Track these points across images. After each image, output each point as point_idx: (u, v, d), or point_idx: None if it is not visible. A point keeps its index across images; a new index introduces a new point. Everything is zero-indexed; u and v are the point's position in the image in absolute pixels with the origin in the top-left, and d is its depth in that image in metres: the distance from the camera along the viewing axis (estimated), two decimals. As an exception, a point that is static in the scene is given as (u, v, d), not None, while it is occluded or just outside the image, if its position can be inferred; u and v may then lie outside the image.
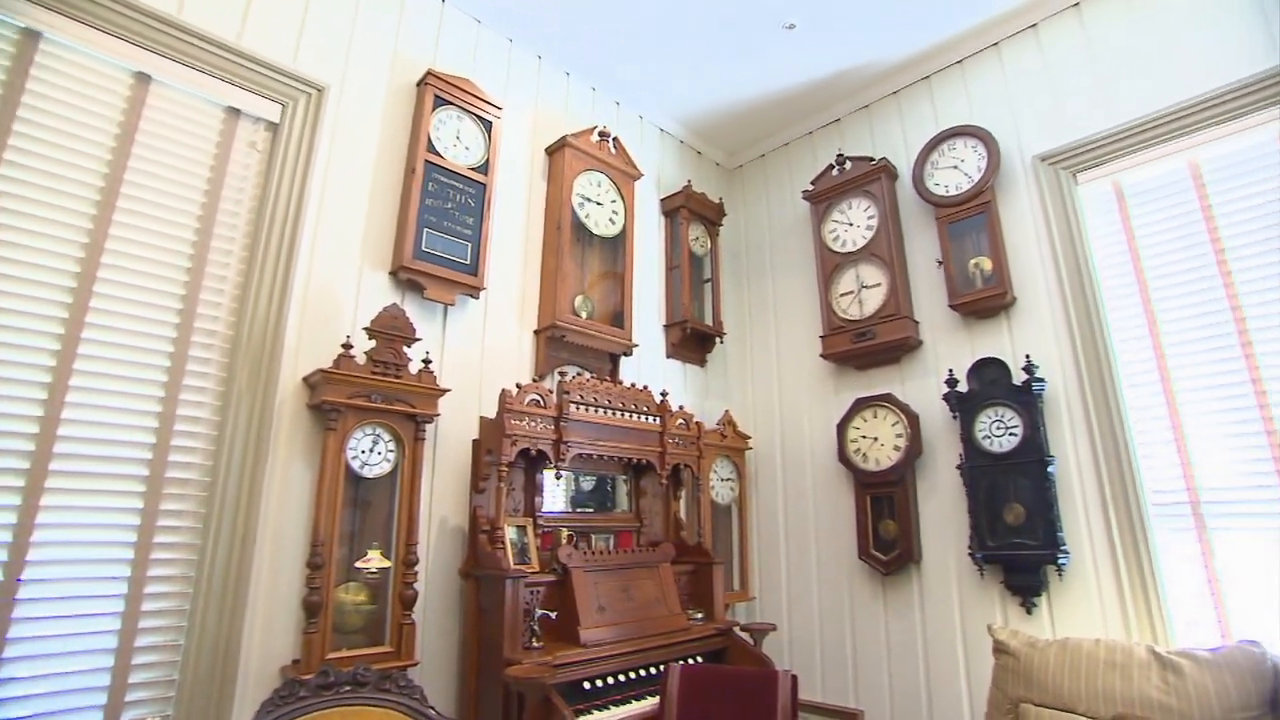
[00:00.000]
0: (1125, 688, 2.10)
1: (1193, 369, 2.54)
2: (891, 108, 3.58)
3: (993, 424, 2.73)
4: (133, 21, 2.11)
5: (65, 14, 2.01)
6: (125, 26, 2.10)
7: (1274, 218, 2.45)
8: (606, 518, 2.95)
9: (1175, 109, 2.63)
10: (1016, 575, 2.68)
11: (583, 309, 3.06)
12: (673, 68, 3.48)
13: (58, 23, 2.00)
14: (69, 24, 2.02)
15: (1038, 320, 2.84)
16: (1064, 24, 3.03)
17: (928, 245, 3.21)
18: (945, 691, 2.85)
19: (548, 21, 3.18)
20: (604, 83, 3.60)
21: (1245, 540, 2.36)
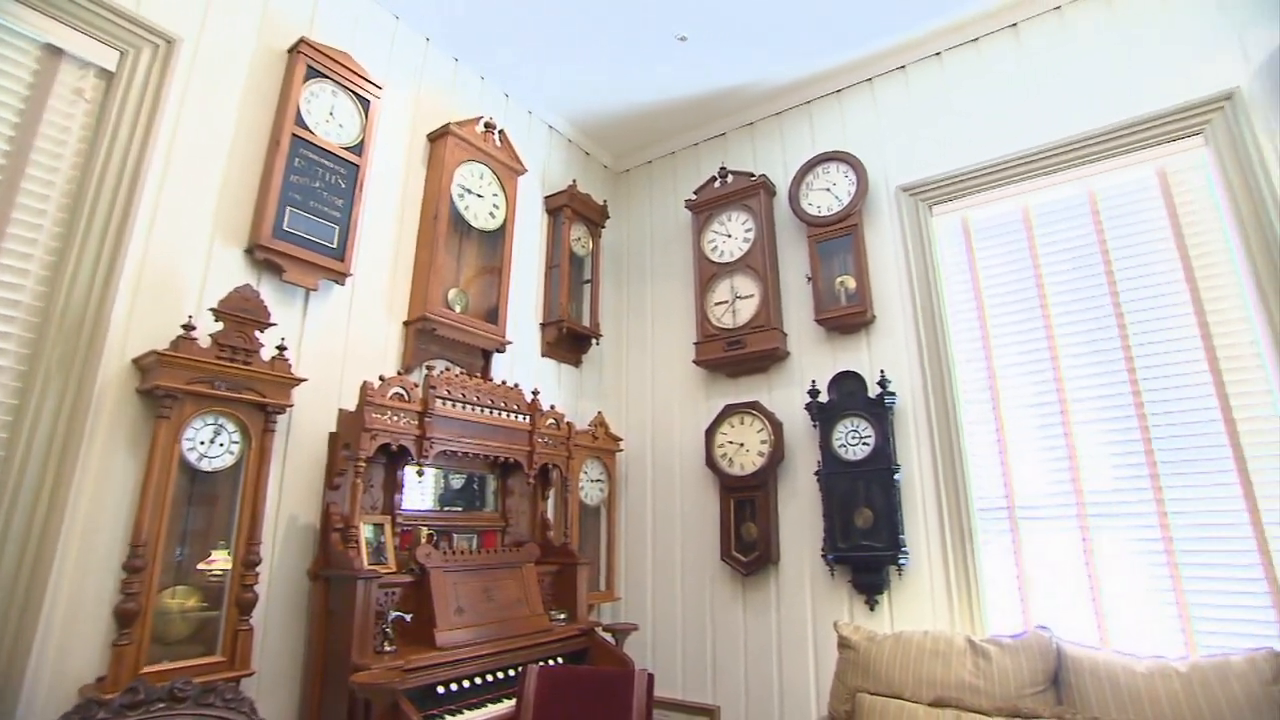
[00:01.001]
0: (945, 674, 2.32)
1: (1017, 390, 2.84)
2: (774, 128, 3.75)
3: (849, 433, 2.92)
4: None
5: None
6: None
7: (1081, 259, 2.81)
8: (470, 517, 2.87)
9: (1010, 159, 2.96)
10: (863, 575, 2.89)
11: (456, 302, 2.97)
12: (566, 66, 3.46)
13: None
14: None
15: (893, 338, 3.08)
16: (927, 69, 3.31)
17: (799, 261, 3.39)
18: (796, 685, 3.01)
19: (440, 2, 3.07)
20: (494, 73, 3.52)
21: (1046, 540, 2.67)
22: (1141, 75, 2.79)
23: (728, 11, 3.10)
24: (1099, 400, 2.67)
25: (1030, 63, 3.05)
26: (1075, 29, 2.99)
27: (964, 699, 2.24)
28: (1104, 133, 2.79)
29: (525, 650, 2.51)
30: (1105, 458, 2.63)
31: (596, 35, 3.25)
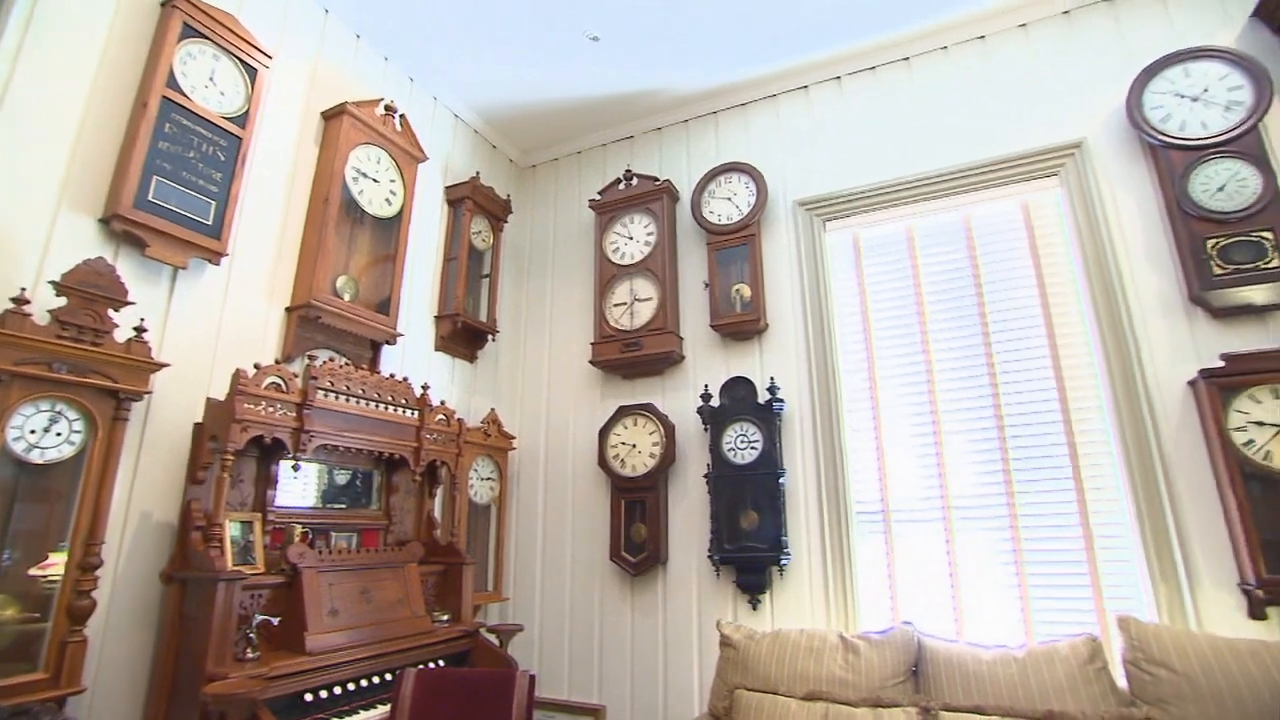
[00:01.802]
0: (818, 669, 2.43)
1: (895, 400, 3.03)
2: (681, 135, 3.82)
3: (738, 438, 3.02)
4: None
5: None
6: None
7: (957, 280, 3.04)
8: (350, 515, 2.74)
9: (897, 183, 3.16)
10: (747, 575, 2.98)
11: (345, 290, 2.83)
12: (476, 55, 3.38)
13: None
14: None
15: (784, 346, 3.20)
16: (828, 91, 3.48)
17: (698, 267, 3.47)
18: (681, 683, 3.07)
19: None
20: (399, 55, 3.38)
21: (916, 541, 2.87)
22: (1011, 118, 3.06)
23: (640, 16, 3.14)
24: (966, 411, 2.90)
25: (920, 95, 3.28)
26: (958, 70, 3.23)
27: (834, 692, 2.37)
28: (978, 166, 3.04)
29: (404, 653, 2.43)
30: (970, 465, 2.86)
31: (508, 27, 3.20)
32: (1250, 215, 2.47)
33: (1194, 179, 2.57)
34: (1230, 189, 2.52)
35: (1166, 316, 2.62)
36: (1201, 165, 2.57)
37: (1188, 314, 2.60)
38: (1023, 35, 3.16)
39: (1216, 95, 2.63)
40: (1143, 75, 2.75)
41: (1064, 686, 2.17)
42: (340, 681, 2.20)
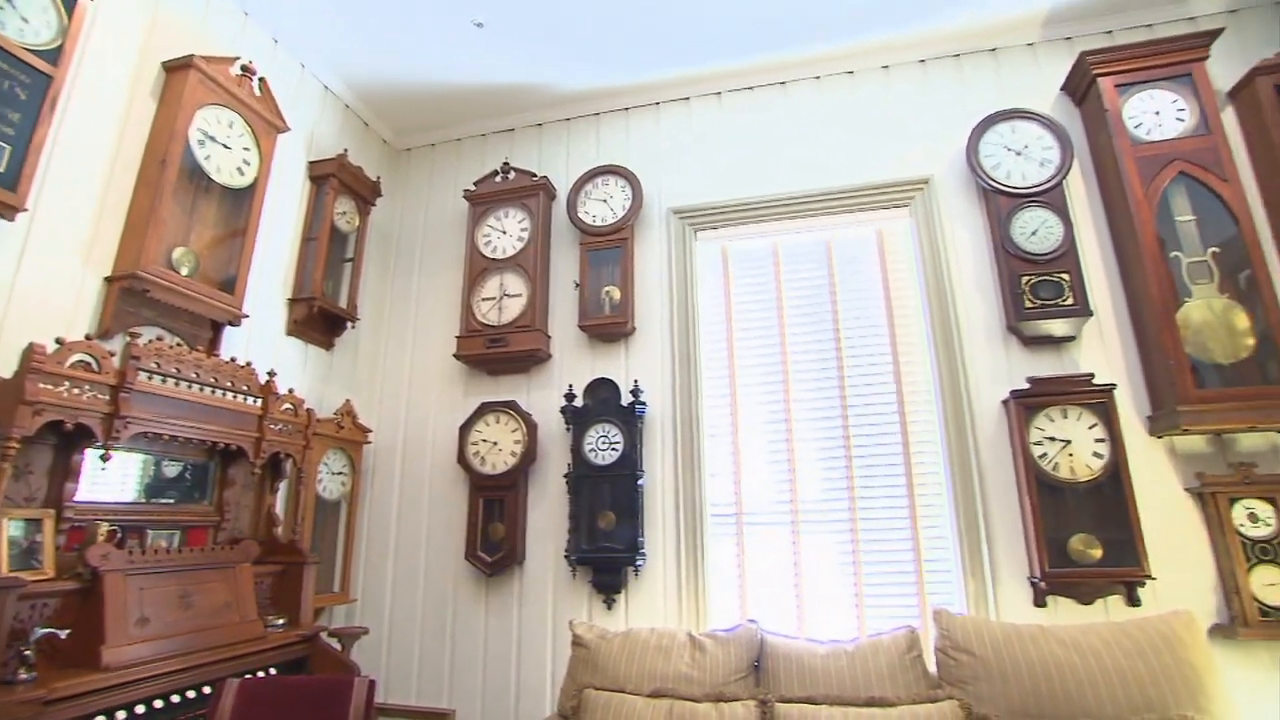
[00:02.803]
0: (665, 666, 2.49)
1: (753, 407, 3.17)
2: (562, 133, 3.80)
3: (600, 438, 3.04)
4: None
5: None
6: None
7: (816, 297, 3.24)
8: (176, 511, 2.49)
9: (766, 200, 3.32)
10: (603, 575, 3.01)
11: (183, 263, 2.56)
12: (351, 25, 3.18)
13: None
14: None
15: (650, 350, 3.27)
16: (708, 105, 3.60)
17: (569, 267, 3.46)
18: (533, 684, 3.04)
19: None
20: (262, 13, 3.11)
21: (765, 542, 3.02)
22: (871, 150, 3.30)
23: (527, 7, 3.08)
24: (817, 420, 3.09)
25: (793, 119, 3.46)
26: (828, 99, 3.45)
27: (679, 689, 2.43)
28: (840, 192, 3.26)
29: (229, 663, 2.23)
30: (817, 471, 3.05)
31: (392, 2, 3.04)
32: (1055, 258, 2.82)
33: (1015, 222, 2.90)
34: (1041, 234, 2.86)
35: (989, 342, 2.94)
36: (1021, 211, 2.91)
37: (1005, 341, 2.93)
38: (885, 76, 3.43)
39: (1034, 152, 2.98)
40: (980, 126, 3.06)
41: (885, 675, 2.36)
42: (146, 699, 1.98)
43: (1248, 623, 2.42)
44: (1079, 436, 2.65)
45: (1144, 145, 2.81)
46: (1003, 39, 3.30)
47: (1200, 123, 2.80)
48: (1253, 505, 2.51)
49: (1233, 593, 2.48)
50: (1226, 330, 2.63)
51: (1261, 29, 3.06)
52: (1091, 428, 2.65)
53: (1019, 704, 2.21)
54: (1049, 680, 2.22)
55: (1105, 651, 2.23)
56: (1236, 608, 2.46)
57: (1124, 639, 2.25)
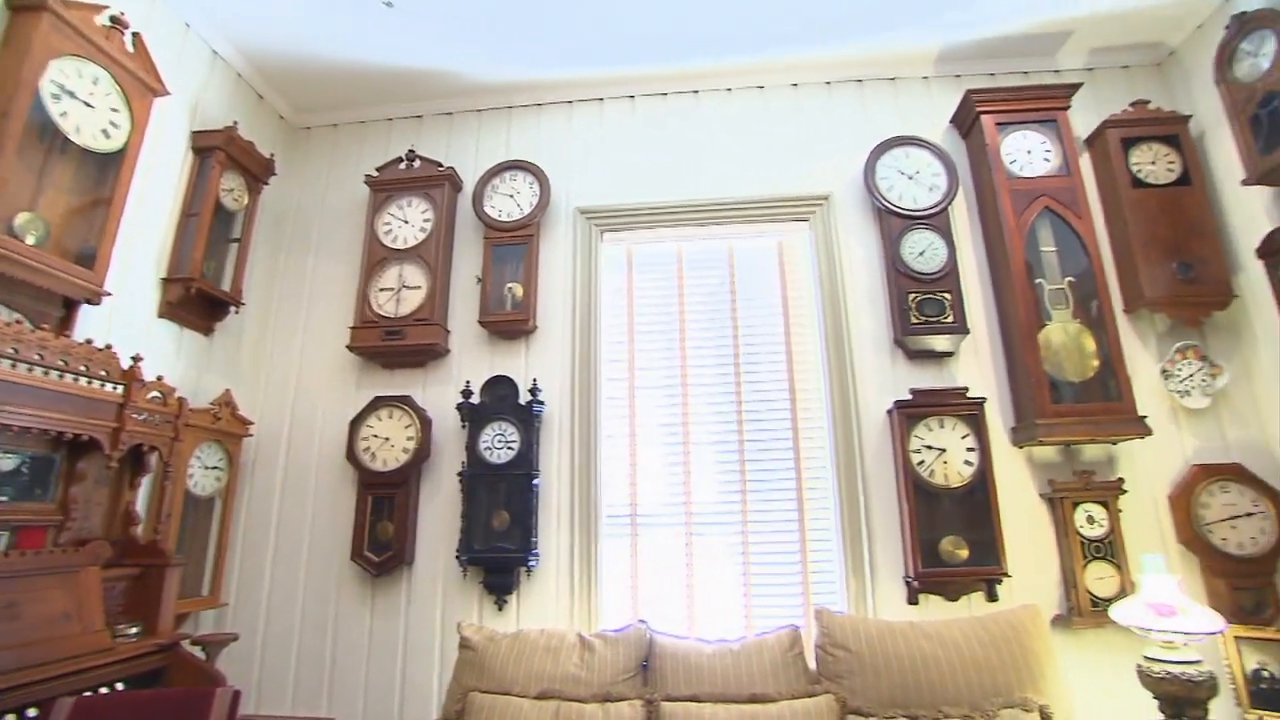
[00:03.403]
0: (553, 668, 2.48)
1: (651, 409, 3.21)
2: (472, 123, 3.71)
3: (496, 437, 2.98)
4: None
5: None
6: None
7: (716, 304, 3.32)
8: (8, 510, 2.22)
9: (672, 205, 3.37)
10: (494, 576, 2.95)
11: (29, 231, 2.30)
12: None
13: None
14: None
15: (550, 349, 3.24)
16: (621, 108, 3.61)
17: (472, 261, 3.38)
18: (419, 689, 2.94)
19: None
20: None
21: (658, 543, 3.05)
22: (777, 164, 3.42)
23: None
24: (713, 424, 3.16)
25: (704, 127, 3.53)
26: (739, 111, 3.54)
27: (566, 690, 2.42)
28: (745, 202, 3.35)
29: (64, 680, 1.99)
30: (711, 473, 3.11)
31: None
32: (939, 278, 3.01)
33: (905, 242, 3.08)
34: (928, 254, 3.05)
35: (877, 354, 3.11)
36: (910, 231, 3.09)
37: (892, 353, 3.11)
38: (794, 94, 3.56)
39: (924, 178, 3.18)
40: (877, 149, 3.24)
41: (768, 672, 2.44)
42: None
43: (1081, 613, 2.68)
44: (953, 445, 2.85)
45: (1017, 180, 3.06)
46: (901, 70, 3.51)
47: (1063, 164, 3.08)
48: (1091, 509, 2.78)
49: (1071, 587, 2.74)
50: (1078, 352, 2.90)
51: (1113, 88, 3.41)
52: (964, 437, 2.85)
53: (888, 695, 2.35)
54: (915, 672, 2.37)
55: (964, 643, 2.41)
56: (1073, 600, 2.72)
57: (981, 631, 2.44)
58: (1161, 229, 3.01)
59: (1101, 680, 2.59)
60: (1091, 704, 2.52)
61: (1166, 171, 3.10)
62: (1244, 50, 2.79)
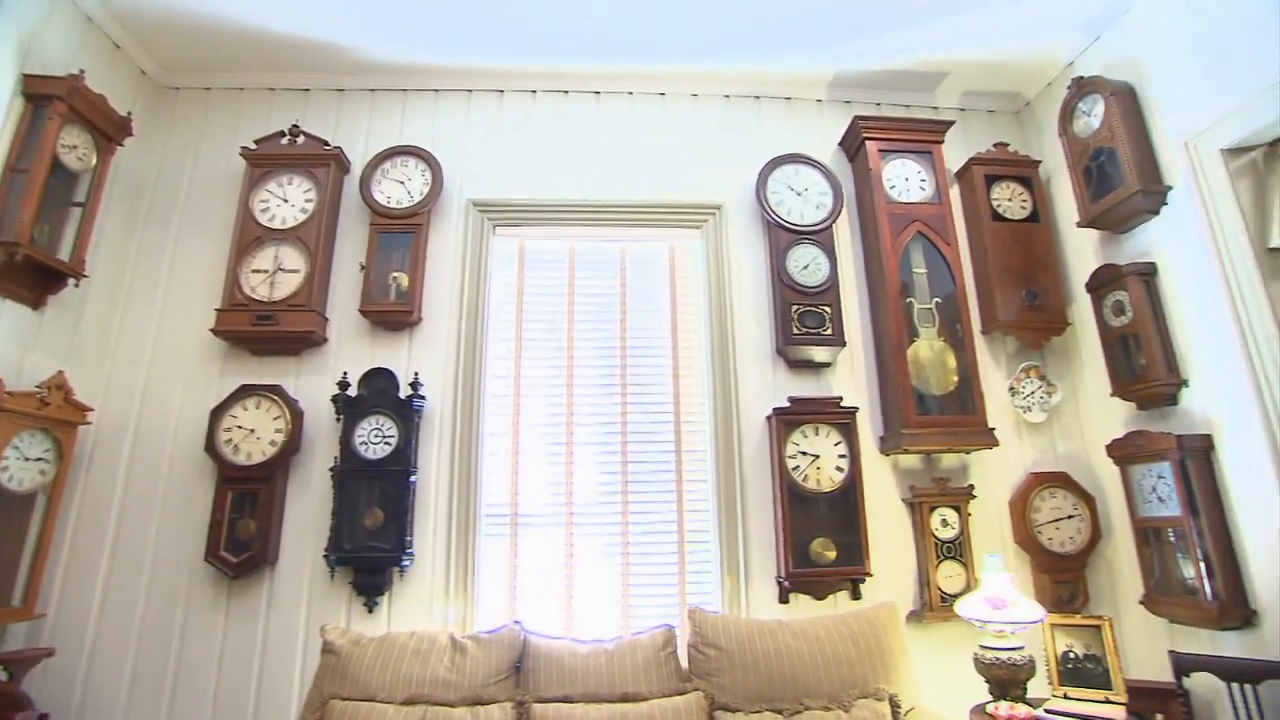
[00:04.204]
0: (422, 671, 2.39)
1: (535, 407, 3.17)
2: (364, 104, 3.53)
3: (373, 431, 2.85)
4: None
5: None
6: None
7: (606, 304, 3.33)
8: None
9: (567, 203, 3.35)
10: (365, 576, 2.81)
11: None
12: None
13: None
14: None
15: (435, 342, 3.13)
16: (521, 101, 3.55)
17: (356, 248, 3.21)
18: (277, 698, 2.74)
19: None
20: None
21: (538, 543, 3.02)
22: (674, 171, 3.48)
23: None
24: (597, 424, 3.17)
25: (604, 128, 3.54)
26: (639, 116, 3.58)
27: (435, 694, 2.35)
28: (640, 206, 3.39)
29: None
30: (594, 473, 3.12)
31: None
32: (820, 292, 3.17)
33: (790, 255, 3.22)
34: (812, 268, 3.21)
35: (759, 362, 3.22)
36: (797, 246, 3.24)
37: (773, 362, 3.24)
38: (694, 103, 3.64)
39: (812, 196, 3.34)
40: (770, 164, 3.37)
41: (641, 671, 2.47)
42: None
43: (932, 608, 2.90)
44: (826, 452, 3.00)
45: (895, 204, 3.28)
46: (796, 91, 3.67)
47: (935, 193, 3.33)
48: (945, 513, 3.02)
49: (925, 584, 2.96)
50: (941, 368, 3.14)
51: (980, 128, 3.75)
52: (837, 444, 3.02)
53: (755, 690, 2.44)
54: (782, 668, 2.47)
55: (827, 639, 2.54)
56: (926, 596, 2.94)
57: (842, 628, 2.58)
58: (1014, 260, 3.31)
59: (947, 668, 2.81)
60: (937, 690, 2.73)
61: (1020, 208, 3.42)
62: (1081, 109, 3.14)
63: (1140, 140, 2.95)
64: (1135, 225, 3.02)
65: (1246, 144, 2.61)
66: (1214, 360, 2.66)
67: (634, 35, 3.26)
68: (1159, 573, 2.77)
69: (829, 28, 3.22)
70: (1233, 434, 2.59)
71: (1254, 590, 2.50)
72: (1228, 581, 2.52)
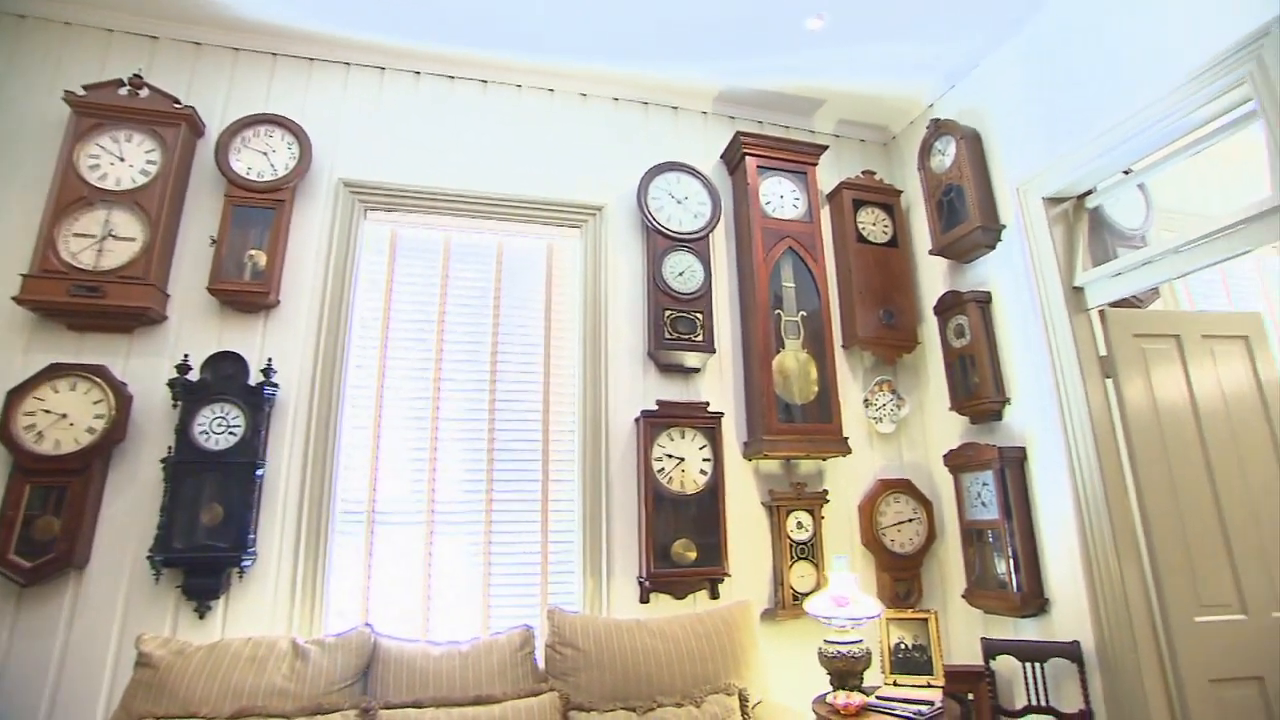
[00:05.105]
0: (256, 681, 2.22)
1: (400, 401, 3.04)
2: (226, 61, 3.22)
3: (216, 420, 2.61)
4: None
5: None
6: None
7: (479, 298, 3.25)
8: None
9: (447, 192, 3.24)
10: (197, 579, 2.56)
11: None
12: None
13: None
14: None
15: (293, 328, 2.91)
16: (404, 82, 3.39)
17: (207, 220, 2.91)
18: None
19: None
20: None
21: (397, 542, 2.89)
22: (559, 169, 3.45)
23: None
24: (464, 421, 3.08)
25: (489, 120, 3.45)
26: (527, 110, 3.52)
27: (270, 705, 2.19)
28: (522, 201, 3.33)
29: None
30: (458, 471, 3.03)
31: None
32: (694, 299, 3.26)
33: (667, 261, 3.28)
34: (687, 275, 3.29)
35: (631, 365, 3.26)
36: (673, 252, 3.31)
37: (645, 365, 3.29)
38: (582, 103, 3.63)
39: (692, 205, 3.43)
40: (653, 170, 3.42)
41: (496, 673, 2.43)
42: None
43: (785, 606, 3.06)
44: (691, 455, 3.09)
45: (770, 220, 3.43)
46: (684, 101, 3.75)
47: (807, 212, 3.52)
48: (800, 516, 3.20)
49: (779, 584, 3.12)
50: (804, 378, 3.32)
51: (851, 155, 4.02)
52: (702, 448, 3.11)
53: (611, 689, 2.47)
54: (638, 666, 2.51)
55: (683, 637, 2.61)
56: (780, 595, 3.10)
57: (698, 626, 2.67)
58: (875, 280, 3.57)
59: (797, 662, 2.96)
60: (787, 683, 2.88)
61: (883, 233, 3.69)
62: (937, 148, 3.44)
63: (983, 181, 3.27)
64: (976, 257, 3.34)
65: (1062, 195, 2.97)
66: (1031, 381, 3.00)
67: (526, 27, 3.21)
68: (979, 569, 3.08)
69: (719, 43, 3.32)
70: (1042, 448, 2.93)
71: (1050, 582, 2.86)
72: (1030, 576, 2.86)
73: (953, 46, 3.35)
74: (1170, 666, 2.48)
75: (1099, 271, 2.80)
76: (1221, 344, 2.87)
